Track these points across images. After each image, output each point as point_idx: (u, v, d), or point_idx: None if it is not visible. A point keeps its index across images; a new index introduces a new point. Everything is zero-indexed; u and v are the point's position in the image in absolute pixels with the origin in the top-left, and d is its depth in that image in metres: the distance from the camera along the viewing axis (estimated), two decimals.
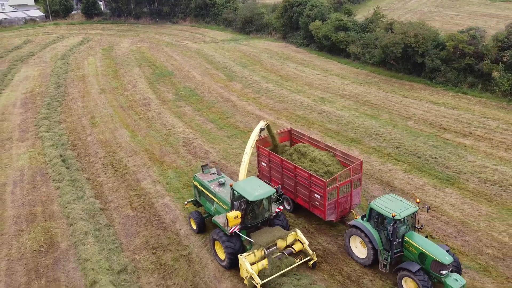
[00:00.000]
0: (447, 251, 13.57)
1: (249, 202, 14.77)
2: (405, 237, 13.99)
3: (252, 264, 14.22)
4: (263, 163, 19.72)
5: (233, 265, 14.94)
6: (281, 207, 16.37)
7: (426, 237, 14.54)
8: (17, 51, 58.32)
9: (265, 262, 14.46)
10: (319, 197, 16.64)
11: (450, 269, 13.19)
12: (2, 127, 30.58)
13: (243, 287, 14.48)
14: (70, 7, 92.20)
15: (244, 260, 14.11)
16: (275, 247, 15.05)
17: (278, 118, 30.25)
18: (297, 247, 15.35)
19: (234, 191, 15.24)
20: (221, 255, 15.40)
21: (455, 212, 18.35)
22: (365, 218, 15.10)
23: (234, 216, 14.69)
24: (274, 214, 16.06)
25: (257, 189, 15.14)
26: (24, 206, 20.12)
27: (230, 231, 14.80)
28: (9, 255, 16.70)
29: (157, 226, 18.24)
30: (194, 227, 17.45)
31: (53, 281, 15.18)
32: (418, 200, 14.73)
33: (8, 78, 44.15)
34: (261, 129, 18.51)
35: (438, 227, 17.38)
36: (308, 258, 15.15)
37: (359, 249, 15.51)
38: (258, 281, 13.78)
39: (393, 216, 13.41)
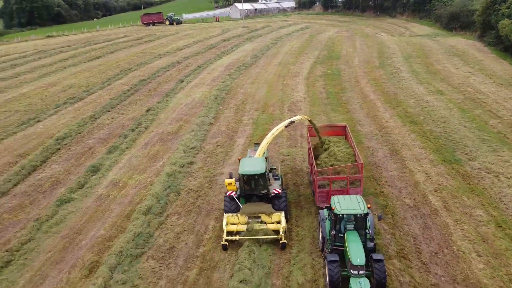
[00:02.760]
0: (380, 260, 13.99)
1: (239, 174, 18.10)
2: (345, 234, 14.74)
3: (231, 224, 17.42)
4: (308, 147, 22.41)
5: None
6: (280, 190, 18.38)
7: (375, 244, 15.07)
8: (254, 32, 78.18)
9: (242, 227, 17.33)
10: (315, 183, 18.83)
11: (361, 271, 13.55)
12: (205, 77, 47.58)
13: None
14: (314, 0, 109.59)
15: (224, 217, 17.58)
16: (258, 219, 17.48)
17: (378, 99, 35.64)
18: (278, 226, 17.21)
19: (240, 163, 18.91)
20: None
21: (421, 177, 21.96)
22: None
23: (228, 182, 18.13)
24: (272, 194, 18.25)
25: (249, 166, 17.90)
26: (180, 115, 34.97)
27: (227, 194, 18.40)
28: (157, 132, 31.49)
29: (229, 137, 29.43)
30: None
31: (164, 145, 28.78)
32: (369, 206, 14.89)
33: (232, 49, 62.99)
34: (291, 122, 20.68)
35: (392, 181, 21.85)
36: (277, 237, 16.86)
37: None
38: (224, 236, 16.95)
39: (332, 210, 14.68)
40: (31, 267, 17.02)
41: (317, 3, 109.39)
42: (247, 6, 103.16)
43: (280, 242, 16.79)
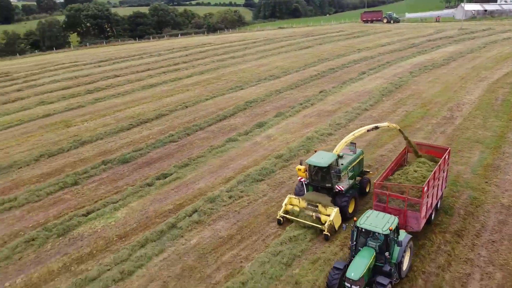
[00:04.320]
0: (382, 284, 13.64)
1: (306, 162, 19.46)
2: (362, 248, 14.76)
3: (291, 204, 19.47)
4: None
5: None
6: (343, 188, 18.85)
7: (392, 269, 14.34)
8: (468, 35, 73.83)
9: (297, 209, 19.19)
10: None
11: (354, 287, 13.49)
12: (388, 72, 50.44)
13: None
14: None
15: (287, 198, 19.68)
16: (316, 207, 18.77)
17: None
18: (327, 219, 18.23)
19: None
20: None
21: None
22: None
23: (298, 168, 19.98)
24: (336, 190, 18.97)
25: (317, 158, 19.02)
26: (345, 99, 39.99)
27: (299, 179, 20.40)
28: (319, 109, 37.60)
29: (374, 122, 33.07)
30: None
31: (319, 118, 34.66)
32: (390, 228, 14.23)
33: (432, 50, 62.88)
34: (376, 127, 20.40)
35: (502, 183, 22.01)
36: (320, 227, 18.19)
37: None
38: (280, 213, 19.37)
39: (355, 221, 14.83)
40: (197, 171, 26.28)
41: None
42: (476, 6, 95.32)
43: (324, 233, 18.07)
